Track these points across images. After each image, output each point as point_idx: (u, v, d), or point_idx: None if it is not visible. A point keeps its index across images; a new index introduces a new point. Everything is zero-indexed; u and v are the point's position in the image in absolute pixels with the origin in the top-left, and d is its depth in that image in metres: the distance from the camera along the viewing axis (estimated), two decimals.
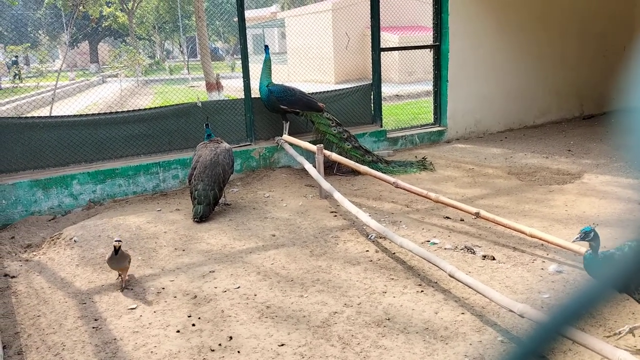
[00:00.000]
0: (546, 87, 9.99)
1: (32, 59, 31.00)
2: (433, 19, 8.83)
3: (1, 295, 4.10)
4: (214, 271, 4.39)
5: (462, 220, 5.32)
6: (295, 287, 4.04)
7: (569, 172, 6.88)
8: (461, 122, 9.14)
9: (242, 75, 7.38)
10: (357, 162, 6.76)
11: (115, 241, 4.12)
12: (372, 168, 6.49)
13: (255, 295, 3.94)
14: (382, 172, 6.32)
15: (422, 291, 3.88)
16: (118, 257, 4.08)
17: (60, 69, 12.42)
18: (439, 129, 9.00)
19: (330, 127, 7.26)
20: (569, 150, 8.08)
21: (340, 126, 7.35)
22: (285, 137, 7.20)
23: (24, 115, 8.98)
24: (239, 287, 4.07)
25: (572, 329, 0.60)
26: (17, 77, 21.10)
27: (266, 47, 7.54)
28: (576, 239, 3.14)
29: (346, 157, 6.67)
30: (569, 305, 0.59)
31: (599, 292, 0.59)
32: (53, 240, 5.22)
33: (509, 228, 4.64)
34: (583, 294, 0.59)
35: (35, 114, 12.11)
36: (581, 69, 10.31)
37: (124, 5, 32.44)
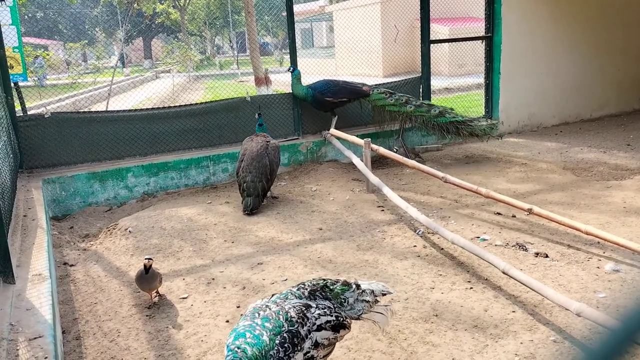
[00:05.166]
0: (605, 79, 9.58)
1: (90, 56, 32.16)
2: (485, 10, 8.61)
3: (61, 283, 4.29)
4: (262, 263, 4.45)
5: (513, 216, 5.18)
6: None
7: (628, 168, 6.58)
8: (514, 116, 8.89)
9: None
10: (423, 121, 7.15)
11: (146, 259, 3.68)
12: (440, 121, 7.04)
13: None
14: (449, 122, 7.06)
15: (471, 288, 3.80)
16: (148, 277, 3.69)
17: (115, 65, 12.84)
18: (491, 122, 8.78)
19: (386, 99, 7.25)
20: (628, 145, 7.72)
21: (395, 93, 7.32)
22: (333, 131, 7.20)
23: (82, 110, 9.34)
24: (286, 280, 4.11)
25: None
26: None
27: (294, 67, 7.31)
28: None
29: (412, 121, 7.29)
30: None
31: None
32: (109, 230, 5.43)
33: (563, 225, 4.47)
34: None
35: (92, 108, 12.58)
36: None
37: (176, 2, 33.18)
